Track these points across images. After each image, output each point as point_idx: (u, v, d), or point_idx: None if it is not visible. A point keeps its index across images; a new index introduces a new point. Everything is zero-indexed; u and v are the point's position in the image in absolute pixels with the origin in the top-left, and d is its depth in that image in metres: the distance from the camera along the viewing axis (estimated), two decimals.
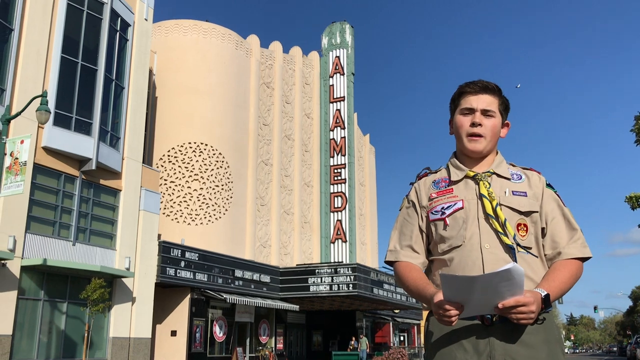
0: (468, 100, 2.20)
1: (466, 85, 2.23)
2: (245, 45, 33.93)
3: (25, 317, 17.89)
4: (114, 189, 21.73)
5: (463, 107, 2.21)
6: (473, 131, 2.17)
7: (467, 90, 2.21)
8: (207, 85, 30.93)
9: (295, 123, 37.21)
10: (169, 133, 29.67)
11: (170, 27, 31.63)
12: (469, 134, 2.18)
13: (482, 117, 2.17)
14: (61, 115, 19.61)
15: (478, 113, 2.17)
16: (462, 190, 2.18)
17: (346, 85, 39.26)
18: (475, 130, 2.17)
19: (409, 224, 2.29)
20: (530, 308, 1.85)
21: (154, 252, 22.85)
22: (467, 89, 2.21)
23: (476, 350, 1.99)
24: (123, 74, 22.68)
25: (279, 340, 31.85)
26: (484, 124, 2.17)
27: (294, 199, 35.96)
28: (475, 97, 2.19)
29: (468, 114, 2.20)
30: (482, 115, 2.17)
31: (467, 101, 2.20)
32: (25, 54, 18.78)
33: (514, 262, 1.96)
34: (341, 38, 40.33)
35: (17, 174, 15.40)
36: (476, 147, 2.18)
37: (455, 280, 1.84)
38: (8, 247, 17.27)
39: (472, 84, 2.21)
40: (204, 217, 29.29)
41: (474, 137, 2.18)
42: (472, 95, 2.20)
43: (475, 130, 2.17)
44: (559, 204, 2.20)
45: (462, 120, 2.21)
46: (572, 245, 2.12)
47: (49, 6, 19.75)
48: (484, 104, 2.18)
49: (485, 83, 2.21)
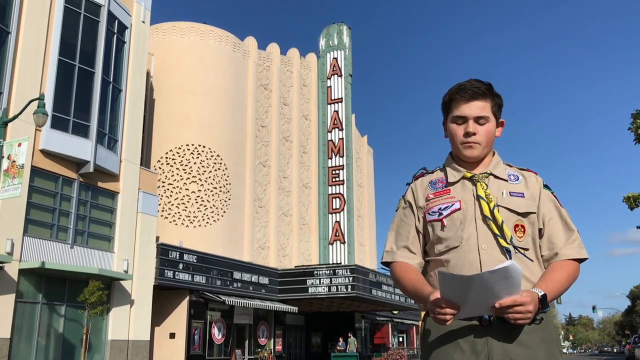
0: (460, 108, 2.16)
1: (456, 91, 2.18)
2: (243, 47, 33.93)
3: (23, 320, 17.85)
4: (112, 191, 21.70)
5: (455, 115, 2.18)
6: (467, 140, 2.15)
7: (457, 97, 2.17)
8: (205, 87, 30.92)
9: (293, 125, 37.21)
10: (166, 135, 29.65)
11: (168, 30, 31.62)
12: (463, 143, 2.17)
13: (475, 125, 2.14)
14: (59, 118, 19.58)
15: (471, 122, 2.14)
16: (459, 192, 2.18)
17: (344, 87, 39.28)
18: (469, 140, 2.15)
19: (406, 224, 2.28)
20: (527, 308, 1.85)
21: (152, 254, 22.82)
22: (457, 96, 2.17)
23: (474, 351, 1.98)
24: (120, 76, 22.66)
25: (278, 342, 31.81)
26: (478, 132, 2.14)
27: (292, 201, 35.95)
28: (467, 105, 2.15)
29: (461, 123, 2.17)
30: (475, 122, 2.15)
31: (459, 109, 2.16)
32: (23, 56, 18.75)
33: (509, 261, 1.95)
34: (338, 39, 40.36)
35: (14, 176, 15.37)
36: (472, 153, 2.18)
37: (452, 279, 1.84)
38: (6, 250, 17.23)
39: (462, 91, 2.16)
40: (202, 219, 29.26)
41: (469, 144, 2.16)
42: (464, 103, 2.15)
43: (469, 140, 2.15)
44: (556, 204, 2.20)
45: (456, 129, 2.18)
46: (569, 246, 2.12)
47: (46, 9, 19.74)
48: (476, 111, 2.14)
49: (475, 89, 2.15)
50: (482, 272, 1.88)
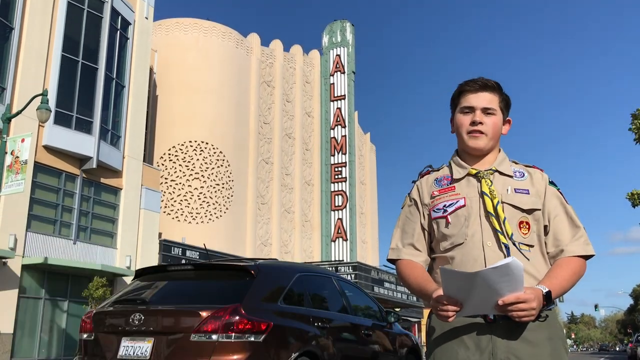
0: (468, 98, 2.19)
1: (466, 83, 2.22)
2: (246, 43, 33.92)
3: (26, 315, 17.92)
4: (115, 187, 21.74)
5: (463, 105, 2.20)
6: (473, 129, 2.17)
7: (467, 88, 2.20)
8: (208, 83, 30.92)
9: (296, 121, 37.21)
10: (169, 131, 29.67)
11: (171, 26, 31.62)
12: (469, 132, 2.18)
13: (482, 115, 2.16)
14: (62, 114, 19.61)
15: (478, 111, 2.16)
16: (464, 188, 2.18)
17: (347, 84, 39.26)
18: (475, 128, 2.16)
19: (411, 222, 2.29)
20: (530, 305, 1.84)
21: (155, 250, 22.87)
22: (467, 87, 2.20)
23: (478, 348, 1.98)
24: (123, 72, 22.68)
25: None
26: (485, 122, 2.16)
27: (295, 198, 35.98)
28: (475, 96, 2.18)
29: (468, 112, 2.19)
30: (483, 113, 2.16)
31: (467, 100, 2.19)
32: (26, 52, 18.78)
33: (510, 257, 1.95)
34: (342, 36, 40.32)
35: (17, 172, 15.41)
36: (477, 143, 2.18)
37: (455, 275, 1.84)
38: (9, 246, 17.29)
39: (472, 82, 2.20)
40: (205, 216, 29.29)
41: (475, 134, 2.17)
42: (472, 94, 2.18)
43: (475, 128, 2.16)
44: (562, 201, 2.19)
45: (463, 119, 2.20)
46: (575, 242, 2.11)
47: (50, 5, 19.75)
48: (484, 102, 2.16)
49: (485, 81, 2.19)
50: (484, 269, 1.88)
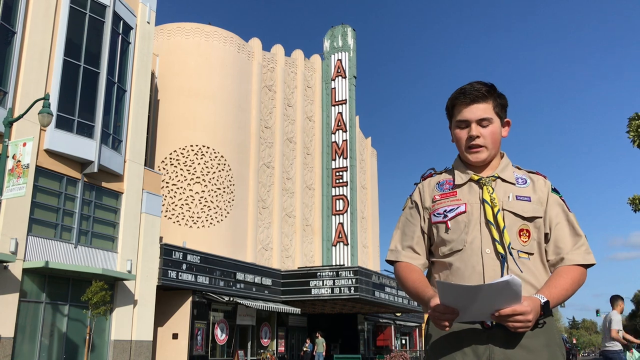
0: (461, 113, 2.16)
1: (456, 97, 2.17)
2: (247, 48, 33.97)
3: (26, 319, 17.89)
4: (116, 191, 21.75)
5: (458, 119, 2.17)
6: (472, 144, 2.15)
7: (458, 102, 2.17)
8: (209, 88, 30.96)
9: (297, 126, 37.22)
10: (170, 136, 29.69)
11: (173, 30, 31.68)
12: (468, 147, 2.16)
13: (478, 127, 2.13)
14: (63, 118, 19.64)
15: (474, 125, 2.13)
16: (465, 194, 2.17)
17: (348, 89, 39.29)
18: (474, 143, 2.14)
19: (411, 224, 2.28)
20: (527, 317, 1.83)
21: (156, 254, 22.85)
22: (458, 100, 2.17)
23: (476, 354, 1.98)
24: (125, 76, 22.72)
25: (281, 343, 31.79)
26: (482, 134, 2.13)
27: (296, 202, 35.95)
28: (468, 109, 2.14)
29: (464, 127, 2.16)
30: (479, 125, 2.13)
31: (461, 114, 2.16)
32: (28, 56, 18.82)
33: (509, 274, 1.94)
34: (343, 41, 40.37)
35: (19, 176, 15.42)
36: (479, 157, 2.17)
37: (451, 289, 1.83)
38: (10, 250, 17.28)
39: (462, 96, 2.15)
40: (206, 220, 29.28)
41: (474, 149, 2.15)
42: (465, 107, 2.15)
43: (474, 142, 2.14)
44: (564, 209, 2.18)
45: (460, 134, 2.18)
46: (576, 251, 2.10)
47: (52, 9, 19.80)
48: (478, 114, 2.13)
49: (475, 92, 2.13)
50: (483, 283, 1.87)
